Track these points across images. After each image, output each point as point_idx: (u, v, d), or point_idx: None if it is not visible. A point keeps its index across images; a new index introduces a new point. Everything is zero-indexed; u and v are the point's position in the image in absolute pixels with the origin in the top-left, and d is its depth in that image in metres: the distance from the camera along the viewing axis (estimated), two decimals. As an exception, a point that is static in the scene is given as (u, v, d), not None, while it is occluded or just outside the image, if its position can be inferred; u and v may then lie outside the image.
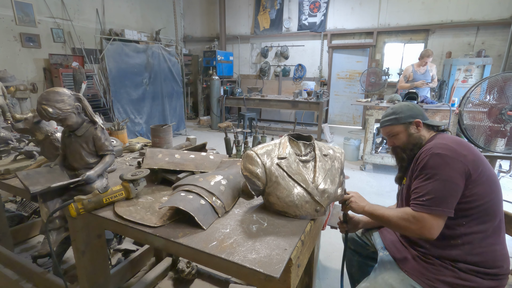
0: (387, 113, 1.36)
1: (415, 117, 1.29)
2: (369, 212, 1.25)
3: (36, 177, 1.28)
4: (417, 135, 1.28)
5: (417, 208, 1.10)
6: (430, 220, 1.07)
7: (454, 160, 1.08)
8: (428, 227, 1.07)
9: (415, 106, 1.33)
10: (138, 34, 6.81)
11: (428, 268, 1.14)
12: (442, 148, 1.12)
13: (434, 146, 1.15)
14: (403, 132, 1.30)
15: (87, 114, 1.33)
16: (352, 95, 7.74)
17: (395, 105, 1.35)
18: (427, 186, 1.10)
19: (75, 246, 1.30)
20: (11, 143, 1.87)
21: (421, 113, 1.32)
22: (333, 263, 2.29)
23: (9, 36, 4.94)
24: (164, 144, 1.91)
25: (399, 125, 1.30)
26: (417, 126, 1.28)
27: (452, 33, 6.33)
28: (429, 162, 1.12)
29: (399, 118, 1.30)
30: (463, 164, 1.07)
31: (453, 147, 1.11)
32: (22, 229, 2.44)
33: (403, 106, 1.32)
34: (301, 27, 7.74)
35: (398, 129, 1.31)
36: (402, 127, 1.30)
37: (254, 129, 6.12)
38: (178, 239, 0.95)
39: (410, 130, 1.29)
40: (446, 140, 1.17)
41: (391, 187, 3.84)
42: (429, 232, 1.07)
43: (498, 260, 1.11)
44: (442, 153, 1.10)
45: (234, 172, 1.35)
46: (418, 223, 1.08)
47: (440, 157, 1.10)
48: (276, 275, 0.80)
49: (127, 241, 2.31)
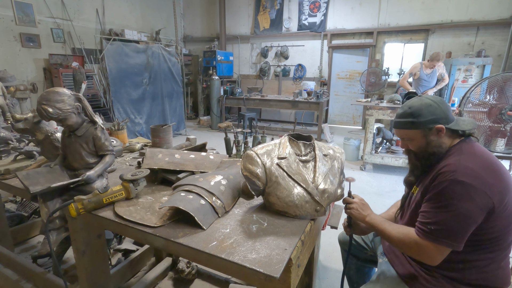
0: (404, 113, 1.12)
1: (437, 121, 1.06)
2: (370, 224, 1.16)
3: (36, 177, 1.28)
4: (436, 142, 1.08)
5: (422, 235, 1.00)
6: (434, 250, 0.98)
7: (479, 193, 0.92)
8: (430, 256, 0.99)
9: (439, 106, 1.08)
10: (138, 34, 6.81)
11: (428, 280, 1.10)
12: (467, 175, 0.94)
13: (457, 169, 0.96)
14: (421, 138, 1.09)
15: (87, 114, 1.33)
16: (352, 95, 7.74)
17: (414, 103, 1.10)
18: (438, 215, 0.97)
19: (75, 246, 1.30)
20: (11, 143, 1.87)
21: (445, 115, 1.07)
22: (333, 263, 2.29)
23: (9, 36, 4.94)
24: (164, 144, 1.91)
25: (416, 130, 1.09)
26: (438, 132, 1.07)
27: (452, 33, 6.33)
28: (448, 189, 0.96)
29: (417, 123, 1.08)
30: (487, 198, 0.92)
31: (480, 175, 0.94)
32: (22, 229, 2.43)
33: (424, 107, 1.07)
34: (301, 27, 7.74)
35: (414, 135, 1.10)
36: (419, 132, 1.08)
37: (254, 129, 6.12)
38: (178, 239, 0.95)
39: (429, 137, 1.08)
40: (473, 162, 0.98)
41: (391, 187, 3.84)
42: (430, 261, 1.00)
43: (499, 283, 1.05)
44: (466, 182, 0.93)
45: (234, 172, 1.35)
46: (420, 250, 1.00)
47: (462, 186, 0.93)
48: (276, 275, 0.80)
49: (127, 241, 2.31)
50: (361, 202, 1.23)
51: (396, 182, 4.03)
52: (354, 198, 1.24)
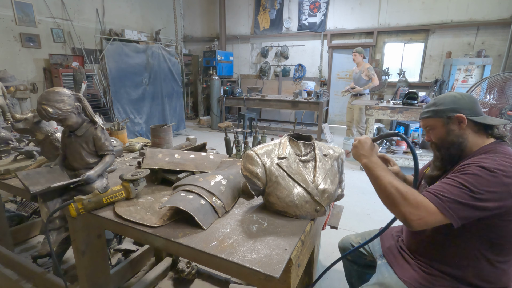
0: (429, 104, 1.16)
1: (458, 111, 1.05)
2: (367, 167, 1.10)
3: (36, 177, 1.28)
4: (458, 132, 1.05)
5: (431, 199, 0.93)
6: (433, 216, 0.92)
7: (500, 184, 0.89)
8: (423, 219, 0.92)
9: (462, 98, 1.07)
10: (138, 34, 6.81)
11: (428, 278, 1.09)
12: (493, 163, 0.92)
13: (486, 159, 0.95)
14: (441, 127, 1.09)
15: (87, 114, 1.33)
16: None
17: (440, 96, 1.14)
18: (455, 190, 0.93)
19: (75, 246, 1.30)
20: (11, 143, 1.87)
21: (470, 106, 1.05)
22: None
23: (9, 36, 4.94)
24: (164, 144, 1.91)
25: (436, 118, 1.09)
26: (459, 122, 1.05)
27: (452, 33, 6.33)
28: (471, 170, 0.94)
29: (437, 110, 1.09)
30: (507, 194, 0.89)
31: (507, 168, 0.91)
32: (22, 229, 2.43)
33: (447, 98, 1.10)
34: (301, 27, 7.73)
35: (435, 123, 1.11)
36: (440, 121, 1.09)
37: (254, 129, 6.12)
38: (178, 239, 0.95)
39: (449, 126, 1.07)
40: (503, 158, 0.94)
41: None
42: (416, 223, 0.92)
43: (503, 282, 1.04)
44: (493, 168, 0.91)
45: (234, 172, 1.35)
46: (416, 210, 0.92)
47: (487, 171, 0.91)
48: (276, 275, 0.80)
49: (127, 241, 2.31)
50: (365, 141, 1.15)
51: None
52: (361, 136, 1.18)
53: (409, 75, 6.72)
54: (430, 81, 6.43)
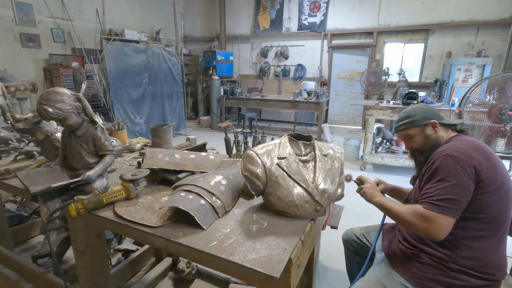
0: (401, 117, 1.33)
1: (430, 118, 1.26)
2: (379, 204, 1.26)
3: (36, 177, 1.28)
4: (434, 136, 1.25)
5: (429, 207, 1.07)
6: (440, 220, 1.04)
7: (467, 164, 1.04)
8: (437, 227, 1.05)
9: (427, 107, 1.30)
10: (138, 34, 6.81)
11: (418, 266, 1.15)
12: (456, 151, 1.08)
13: (448, 148, 1.12)
14: (419, 134, 1.27)
15: (87, 114, 1.33)
16: (352, 95, 7.74)
17: (407, 109, 1.33)
18: (439, 187, 1.07)
19: (75, 246, 1.30)
20: (11, 143, 1.87)
21: (436, 113, 1.29)
22: (333, 263, 2.29)
23: (9, 36, 4.94)
24: (164, 144, 1.90)
25: (414, 128, 1.28)
26: (433, 127, 1.25)
27: (452, 33, 6.33)
28: (442, 164, 1.09)
29: (413, 121, 1.27)
30: (475, 169, 1.04)
31: (467, 151, 1.08)
32: (22, 229, 2.43)
33: (416, 109, 1.29)
34: (301, 27, 7.74)
35: (413, 132, 1.28)
36: (417, 129, 1.27)
37: (254, 129, 6.12)
38: (178, 239, 0.95)
39: (426, 132, 1.26)
40: (463, 143, 1.13)
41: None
42: (436, 233, 1.05)
43: (491, 268, 1.09)
44: (456, 156, 1.07)
45: (234, 172, 1.35)
46: (428, 222, 1.06)
47: (453, 159, 1.07)
48: (276, 275, 0.80)
49: (127, 241, 2.31)
50: (372, 185, 1.33)
51: (396, 182, 4.02)
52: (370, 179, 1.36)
53: (409, 75, 6.72)
54: (430, 81, 6.43)
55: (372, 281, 1.23)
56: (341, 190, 1.25)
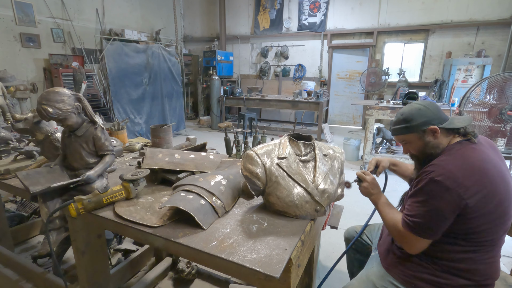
0: (398, 120, 1.19)
1: (429, 122, 1.11)
2: (373, 202, 1.29)
3: (36, 177, 1.28)
4: (434, 142, 1.12)
5: (404, 226, 1.09)
6: (413, 240, 1.07)
7: (450, 193, 0.97)
8: (410, 245, 1.09)
9: (428, 109, 1.13)
10: (138, 34, 6.80)
11: (406, 265, 1.15)
12: (442, 175, 0.99)
13: (436, 169, 1.02)
14: (417, 141, 1.14)
15: (87, 114, 1.33)
16: (352, 95, 7.74)
17: (405, 110, 1.17)
18: (418, 209, 1.05)
19: (75, 246, 1.30)
20: (11, 143, 1.87)
21: (437, 115, 1.12)
22: (333, 263, 2.28)
23: (9, 36, 4.94)
24: (164, 144, 1.90)
25: (411, 133, 1.15)
26: (433, 133, 1.11)
27: (452, 33, 6.33)
28: (425, 187, 1.03)
29: (410, 127, 1.13)
30: (460, 199, 0.96)
31: (456, 176, 0.98)
32: (22, 229, 2.43)
33: (414, 112, 1.14)
34: (301, 27, 7.73)
35: (411, 138, 1.16)
36: (415, 135, 1.14)
37: (254, 129, 6.11)
38: (178, 239, 0.95)
39: (425, 138, 1.12)
40: (455, 164, 1.02)
41: (391, 187, 3.83)
42: (409, 249, 1.10)
43: (479, 275, 1.06)
44: (441, 182, 0.99)
45: (234, 172, 1.35)
46: (402, 239, 1.10)
47: (437, 185, 1.00)
48: (276, 275, 0.80)
49: (127, 241, 2.31)
50: (372, 181, 1.31)
51: (396, 182, 4.02)
52: (367, 176, 1.33)
53: (409, 75, 6.72)
54: (430, 81, 6.43)
55: (363, 279, 1.25)
56: (341, 190, 1.25)
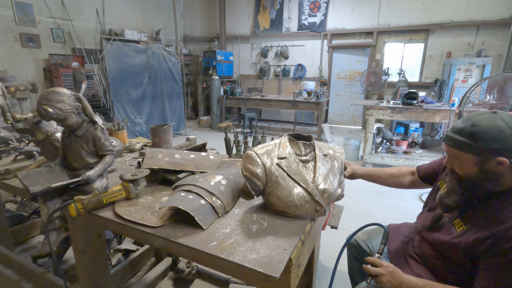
0: (463, 129, 0.91)
1: (501, 153, 0.85)
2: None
3: (36, 177, 1.28)
4: (493, 176, 0.89)
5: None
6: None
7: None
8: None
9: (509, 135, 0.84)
10: (138, 34, 6.81)
11: None
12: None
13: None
14: (473, 164, 0.90)
15: (87, 114, 1.33)
16: (352, 95, 7.74)
17: (481, 120, 0.88)
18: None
19: (75, 246, 1.30)
20: (11, 143, 1.87)
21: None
22: (333, 263, 2.28)
23: (9, 36, 4.94)
24: (164, 144, 1.90)
25: (471, 155, 0.89)
26: (497, 164, 0.86)
27: (452, 33, 6.33)
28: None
29: (475, 148, 0.88)
30: None
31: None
32: (22, 229, 2.43)
33: (491, 131, 0.86)
34: (301, 27, 7.74)
35: (466, 158, 0.91)
36: (474, 158, 0.89)
37: (254, 129, 6.12)
38: (178, 239, 0.95)
39: (486, 166, 0.88)
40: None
41: (391, 187, 3.83)
42: None
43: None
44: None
45: (234, 172, 1.35)
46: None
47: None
48: (276, 275, 0.80)
49: (127, 241, 2.31)
50: (388, 270, 0.99)
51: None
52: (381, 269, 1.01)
53: (409, 75, 6.73)
54: (430, 81, 6.43)
55: None
56: (341, 190, 1.25)
